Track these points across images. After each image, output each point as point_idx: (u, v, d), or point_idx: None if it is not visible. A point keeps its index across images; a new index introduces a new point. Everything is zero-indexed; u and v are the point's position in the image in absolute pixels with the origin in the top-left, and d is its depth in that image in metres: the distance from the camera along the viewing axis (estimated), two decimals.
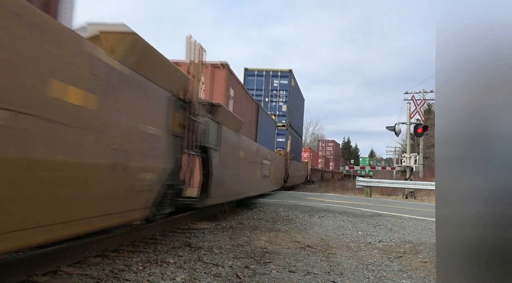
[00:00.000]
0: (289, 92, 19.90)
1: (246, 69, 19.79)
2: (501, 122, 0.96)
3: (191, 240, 5.37)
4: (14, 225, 2.33)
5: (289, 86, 19.93)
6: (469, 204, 1.06)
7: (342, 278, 3.98)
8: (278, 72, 19.98)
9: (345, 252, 5.37)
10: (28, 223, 2.44)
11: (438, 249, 1.19)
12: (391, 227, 7.95)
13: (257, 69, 19.92)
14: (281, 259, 4.63)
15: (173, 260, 4.16)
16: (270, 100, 19.86)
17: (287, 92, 19.91)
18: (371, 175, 44.31)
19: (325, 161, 45.23)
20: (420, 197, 19.78)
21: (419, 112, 23.44)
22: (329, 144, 57.80)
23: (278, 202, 11.96)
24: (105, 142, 3.16)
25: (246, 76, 19.61)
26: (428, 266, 4.76)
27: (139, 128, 3.75)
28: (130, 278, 3.43)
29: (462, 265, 1.10)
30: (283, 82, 19.98)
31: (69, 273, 3.43)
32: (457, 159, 1.12)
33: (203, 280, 3.57)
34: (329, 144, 57.79)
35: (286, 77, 20.04)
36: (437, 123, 1.19)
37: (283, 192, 17.56)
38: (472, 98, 1.08)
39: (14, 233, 2.32)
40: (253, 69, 19.89)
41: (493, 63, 1.01)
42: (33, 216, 2.48)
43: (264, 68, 20.01)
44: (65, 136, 2.65)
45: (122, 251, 4.42)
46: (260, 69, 19.94)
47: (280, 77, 19.94)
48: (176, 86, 4.68)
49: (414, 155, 21.82)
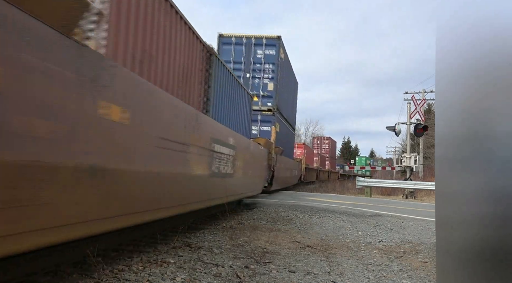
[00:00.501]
0: (277, 66, 15.22)
1: (221, 35, 15.28)
2: (501, 122, 0.96)
3: (191, 240, 5.37)
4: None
5: (277, 58, 15.27)
6: (469, 204, 1.06)
7: (342, 278, 3.98)
8: (263, 39, 15.30)
9: (345, 252, 5.37)
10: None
11: (438, 249, 1.19)
12: (391, 227, 7.94)
13: (235, 35, 15.30)
14: (281, 259, 4.63)
15: (173, 260, 4.16)
16: (252, 76, 15.16)
17: (274, 65, 15.21)
18: (367, 175, 43.98)
19: (320, 159, 41.26)
20: (420, 197, 19.78)
21: (419, 112, 23.45)
22: (325, 141, 53.51)
23: (278, 202, 11.96)
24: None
25: (220, 45, 15.19)
26: (428, 266, 4.76)
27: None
28: (130, 278, 3.43)
29: (462, 265, 1.10)
30: (270, 53, 15.26)
31: (69, 273, 3.43)
32: (457, 159, 1.12)
33: (203, 280, 3.57)
34: (324, 141, 53.48)
35: (273, 46, 15.28)
36: (437, 123, 1.19)
37: (283, 192, 17.56)
38: (472, 98, 1.08)
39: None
40: (230, 35, 15.29)
41: (493, 63, 1.01)
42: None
43: (244, 34, 15.38)
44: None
45: (122, 251, 4.42)
46: (239, 35, 15.29)
47: (265, 46, 15.23)
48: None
49: (414, 155, 21.82)
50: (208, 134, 5.76)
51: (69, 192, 2.66)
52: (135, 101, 3.53)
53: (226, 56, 14.67)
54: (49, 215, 2.51)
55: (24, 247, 2.37)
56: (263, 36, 15.42)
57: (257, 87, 15.19)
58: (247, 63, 15.25)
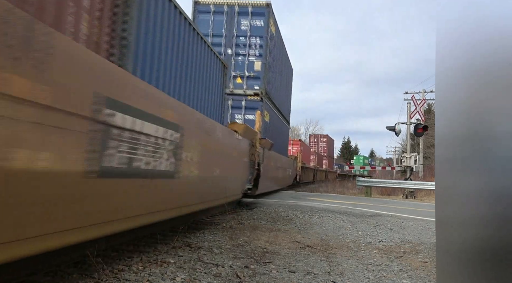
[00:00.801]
0: (265, 40, 12.21)
1: (197, 3, 12.33)
2: (501, 122, 0.96)
3: (191, 240, 5.37)
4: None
5: (267, 31, 12.28)
6: (469, 204, 1.06)
7: (342, 278, 3.98)
8: (249, 7, 12.28)
9: (345, 252, 5.37)
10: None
11: (438, 249, 1.19)
12: (391, 227, 7.95)
13: (215, 2, 12.34)
14: (281, 259, 4.63)
15: (173, 260, 4.16)
16: (235, 52, 12.25)
17: (262, 40, 12.22)
18: (366, 175, 43.60)
19: (317, 158, 38.74)
20: (420, 197, 19.77)
21: (419, 112, 23.46)
22: (322, 140, 50.11)
23: (278, 202, 11.96)
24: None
25: (196, 14, 12.33)
26: (428, 266, 4.76)
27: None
28: (130, 278, 3.43)
29: (462, 265, 1.10)
30: (257, 24, 12.25)
31: (69, 273, 3.43)
32: (457, 159, 1.12)
33: (203, 280, 3.57)
34: (322, 140, 50.07)
35: (261, 16, 12.30)
36: (437, 123, 1.19)
37: (283, 192, 17.56)
38: (472, 98, 1.08)
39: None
40: (208, 2, 12.36)
41: (493, 63, 1.01)
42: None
43: (225, 1, 12.36)
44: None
45: (122, 251, 4.42)
46: (219, 3, 12.34)
47: (251, 16, 12.24)
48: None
49: (414, 155, 21.82)
50: (82, 83, 2.85)
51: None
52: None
53: (203, 28, 11.84)
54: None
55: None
56: (248, 3, 12.30)
57: (241, 66, 12.16)
58: (229, 37, 12.26)
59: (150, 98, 3.98)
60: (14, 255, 2.38)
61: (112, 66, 3.36)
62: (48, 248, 2.65)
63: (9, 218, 2.28)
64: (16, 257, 2.41)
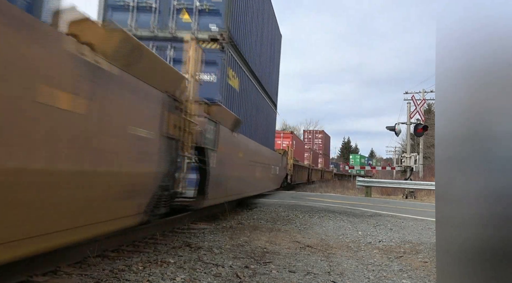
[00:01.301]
0: None
1: None
2: (501, 122, 0.96)
3: (191, 240, 5.37)
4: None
5: None
6: (469, 204, 1.06)
7: (342, 278, 3.98)
8: None
9: (345, 252, 5.37)
10: None
11: (438, 249, 1.19)
12: (391, 227, 7.95)
13: None
14: (281, 259, 4.63)
15: (173, 260, 4.16)
16: None
17: None
18: (364, 175, 43.25)
19: (313, 156, 33.94)
20: (420, 197, 19.77)
21: (419, 112, 23.46)
22: (318, 136, 44.83)
23: (278, 202, 11.96)
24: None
25: None
26: (428, 266, 4.77)
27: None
28: (130, 278, 3.43)
29: (462, 265, 1.10)
30: None
31: (69, 273, 3.43)
32: (457, 159, 1.12)
33: (203, 280, 3.57)
34: (317, 136, 44.81)
35: None
36: (437, 123, 1.19)
37: (283, 192, 17.56)
38: (472, 98, 1.08)
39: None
40: None
41: (493, 63, 1.01)
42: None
43: None
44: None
45: (122, 251, 4.42)
46: None
47: None
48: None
49: (414, 155, 21.83)
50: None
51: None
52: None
53: None
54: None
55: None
56: None
57: None
58: None
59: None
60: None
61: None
62: None
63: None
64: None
